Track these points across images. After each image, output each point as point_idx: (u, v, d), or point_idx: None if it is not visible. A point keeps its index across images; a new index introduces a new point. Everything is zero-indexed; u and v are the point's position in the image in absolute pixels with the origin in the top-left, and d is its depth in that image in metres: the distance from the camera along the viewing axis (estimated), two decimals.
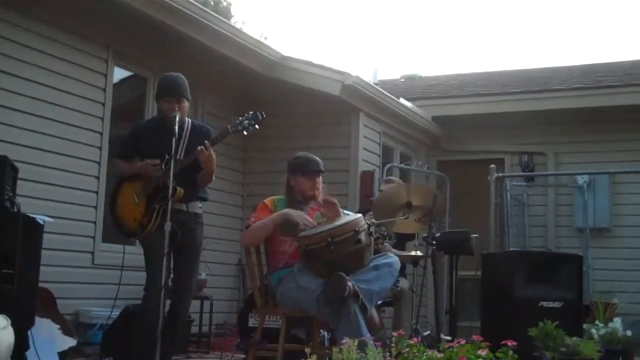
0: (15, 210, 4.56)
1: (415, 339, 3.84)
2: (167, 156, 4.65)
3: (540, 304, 5.85)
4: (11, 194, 4.67)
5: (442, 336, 4.11)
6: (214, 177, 4.88)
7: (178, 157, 4.69)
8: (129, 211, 4.81)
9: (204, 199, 5.01)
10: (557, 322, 5.27)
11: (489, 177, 9.07)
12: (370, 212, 5.91)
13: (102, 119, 6.85)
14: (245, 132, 4.76)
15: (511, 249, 8.69)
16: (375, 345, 3.24)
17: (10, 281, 4.35)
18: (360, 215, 4.82)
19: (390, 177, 7.62)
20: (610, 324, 6.56)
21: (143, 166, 4.79)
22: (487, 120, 10.22)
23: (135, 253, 5.27)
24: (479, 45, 36.97)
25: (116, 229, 5.01)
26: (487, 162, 9.47)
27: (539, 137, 10.16)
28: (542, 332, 5.25)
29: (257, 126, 4.72)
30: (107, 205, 5.94)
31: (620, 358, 6.27)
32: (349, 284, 4.37)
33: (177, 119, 4.66)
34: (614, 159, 9.62)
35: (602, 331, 6.33)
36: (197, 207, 4.94)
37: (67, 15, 6.47)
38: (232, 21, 20.54)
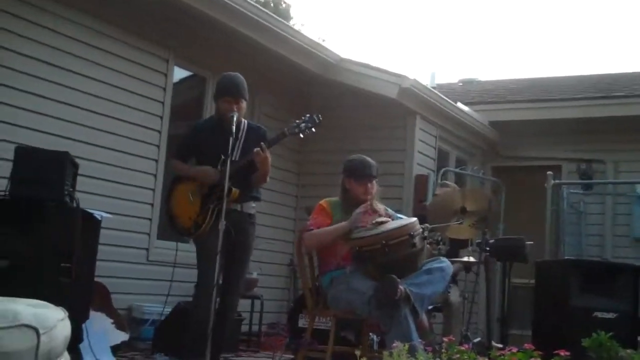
0: (75, 205, 4.65)
1: (466, 346, 3.81)
2: (222, 156, 4.70)
3: (594, 314, 5.77)
4: (71, 189, 4.76)
5: (494, 343, 4.08)
6: (268, 179, 4.91)
7: (234, 157, 4.73)
8: (184, 210, 4.87)
9: (258, 199, 5.05)
10: (611, 334, 5.19)
11: (545, 184, 8.97)
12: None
13: (162, 117, 6.96)
14: (302, 135, 4.80)
15: (566, 257, 8.56)
16: (425, 350, 3.23)
17: (68, 275, 4.44)
18: (415, 219, 4.80)
19: (446, 182, 7.58)
20: None
21: (200, 172, 4.85)
22: (545, 126, 10.08)
23: (188, 250, 5.35)
24: (537, 50, 36.47)
25: (170, 227, 5.08)
26: (543, 168, 9.37)
27: (598, 144, 9.98)
28: (596, 343, 5.15)
29: (313, 129, 4.76)
30: (162, 203, 6.03)
31: None
32: (401, 287, 4.37)
33: (235, 119, 4.70)
34: None
35: None
36: (251, 207, 4.98)
37: (130, 16, 6.60)
38: (291, 23, 20.62)
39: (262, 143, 4.70)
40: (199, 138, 4.98)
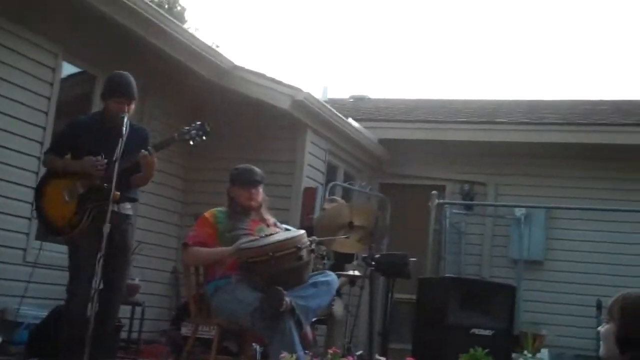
0: None
1: (350, 358, 3.84)
2: (103, 155, 4.60)
3: (472, 330, 5.94)
4: None
5: (377, 356, 4.13)
6: (150, 182, 4.84)
7: (115, 157, 4.63)
8: (58, 209, 4.72)
9: (135, 200, 5.01)
10: (487, 350, 5.35)
11: (429, 203, 9.20)
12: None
13: (47, 113, 6.71)
14: (191, 142, 4.79)
15: (447, 274, 8.78)
16: None
17: None
18: (303, 231, 4.84)
19: (334, 197, 7.64)
20: (538, 355, 6.71)
21: (84, 164, 4.70)
22: (432, 147, 10.35)
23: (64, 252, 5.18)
24: (428, 72, 37.46)
25: (42, 225, 4.91)
26: (428, 188, 9.60)
27: (481, 167, 10.33)
28: (473, 359, 5.31)
29: (204, 137, 4.76)
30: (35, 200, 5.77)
31: None
32: (287, 299, 4.37)
33: (125, 120, 4.60)
34: (552, 194, 9.84)
35: None
36: (127, 208, 4.89)
37: (19, 6, 6.34)
38: (186, 26, 20.39)
39: (149, 147, 4.62)
40: (78, 134, 4.84)
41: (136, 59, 7.18)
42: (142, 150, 4.60)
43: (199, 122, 4.78)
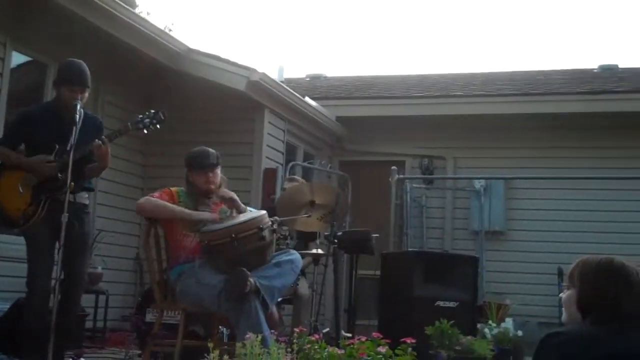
0: None
1: (316, 336, 3.85)
2: (57, 146, 4.54)
3: (436, 303, 6.01)
4: None
5: (343, 333, 4.14)
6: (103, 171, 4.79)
7: (69, 146, 4.56)
8: (12, 200, 4.63)
9: (91, 190, 4.96)
10: (452, 322, 5.42)
11: (390, 179, 9.25)
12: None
13: None
14: (145, 131, 4.73)
15: (409, 249, 8.85)
16: (278, 341, 3.24)
17: None
18: (264, 212, 4.82)
19: (294, 177, 7.63)
20: (503, 324, 6.78)
21: (36, 162, 4.62)
22: (390, 123, 10.38)
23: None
24: (383, 48, 37.50)
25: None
26: (388, 163, 9.64)
27: (439, 141, 10.39)
28: (438, 331, 5.37)
29: (158, 126, 4.71)
30: None
31: (511, 357, 6.48)
32: (251, 279, 4.36)
33: (79, 108, 4.53)
34: (511, 165, 9.95)
35: (495, 331, 6.53)
36: (84, 197, 4.82)
37: None
38: (137, 10, 20.12)
39: (103, 137, 4.55)
40: (31, 125, 4.74)
41: (87, 45, 7.07)
42: (96, 140, 4.53)
43: (153, 111, 4.71)
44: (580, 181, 9.55)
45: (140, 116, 4.70)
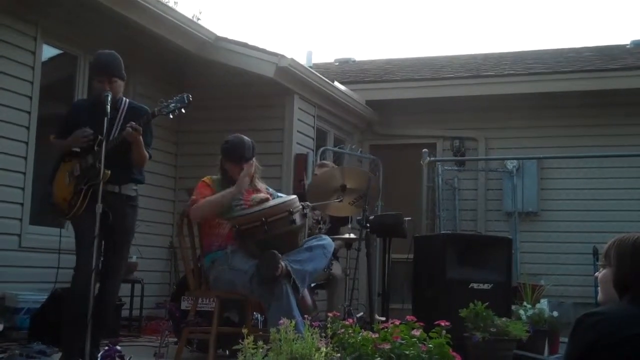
0: None
1: (350, 320, 3.85)
2: (99, 136, 4.55)
3: (470, 285, 5.97)
4: None
5: (377, 317, 4.14)
6: (146, 159, 4.76)
7: (112, 137, 4.59)
8: (61, 191, 4.71)
9: (139, 181, 4.88)
10: (487, 304, 5.39)
11: (421, 162, 9.19)
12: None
13: (31, 98, 6.66)
14: (171, 116, 4.69)
15: (442, 231, 8.81)
16: (312, 326, 3.24)
17: None
18: (295, 196, 4.85)
19: (324, 162, 7.62)
20: (538, 305, 6.73)
21: (72, 138, 4.67)
22: (420, 105, 10.32)
23: (63, 236, 5.16)
24: (412, 30, 37.24)
25: (51, 209, 4.88)
26: (419, 146, 9.59)
27: (471, 122, 10.30)
28: (473, 313, 5.35)
29: (183, 110, 4.65)
30: (38, 186, 5.75)
31: (547, 338, 6.44)
32: (282, 263, 4.38)
33: (109, 98, 4.56)
34: (543, 145, 9.84)
35: (530, 312, 6.50)
36: (131, 189, 4.81)
37: None
38: (165, 0, 20.21)
39: (132, 123, 4.56)
40: (78, 117, 4.79)
41: (116, 35, 7.12)
42: (127, 128, 4.55)
43: (177, 95, 4.69)
44: (614, 159, 9.42)
45: (165, 102, 4.66)
